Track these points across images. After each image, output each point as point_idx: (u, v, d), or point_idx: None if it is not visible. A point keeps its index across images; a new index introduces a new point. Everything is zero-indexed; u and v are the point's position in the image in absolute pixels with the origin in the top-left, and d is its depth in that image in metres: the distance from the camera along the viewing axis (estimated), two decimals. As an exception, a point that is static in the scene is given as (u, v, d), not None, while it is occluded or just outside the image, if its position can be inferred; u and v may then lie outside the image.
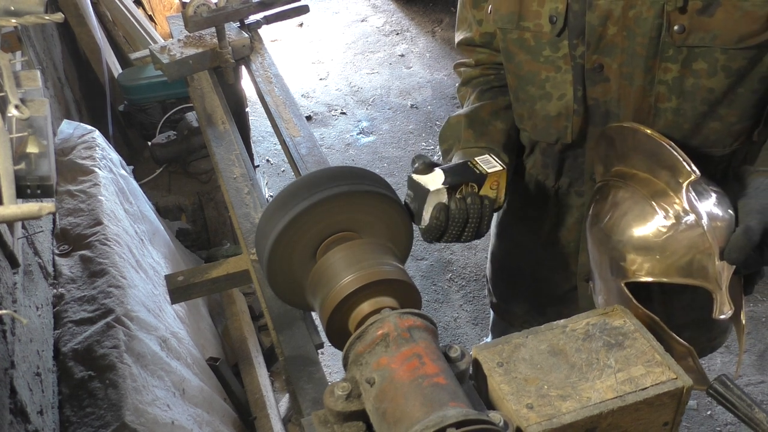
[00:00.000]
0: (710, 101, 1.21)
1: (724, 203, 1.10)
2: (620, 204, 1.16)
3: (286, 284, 1.14)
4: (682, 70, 1.18)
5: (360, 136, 4.19)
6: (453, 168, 1.18)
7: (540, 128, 1.37)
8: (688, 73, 1.18)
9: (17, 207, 1.02)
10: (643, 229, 1.12)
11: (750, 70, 1.16)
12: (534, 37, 1.27)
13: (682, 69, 1.18)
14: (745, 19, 1.10)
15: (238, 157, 1.73)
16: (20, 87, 1.28)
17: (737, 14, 1.10)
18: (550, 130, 1.35)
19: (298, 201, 1.08)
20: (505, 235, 1.70)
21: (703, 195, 1.10)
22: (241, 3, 1.94)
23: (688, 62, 1.17)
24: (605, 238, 1.18)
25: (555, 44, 1.25)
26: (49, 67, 2.72)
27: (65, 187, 2.05)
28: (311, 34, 5.27)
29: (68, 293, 1.74)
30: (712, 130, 1.24)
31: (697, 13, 1.12)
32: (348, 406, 0.88)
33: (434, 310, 3.02)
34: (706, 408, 2.53)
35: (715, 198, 1.11)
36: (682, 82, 1.20)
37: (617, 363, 0.95)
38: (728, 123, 1.23)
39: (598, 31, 1.19)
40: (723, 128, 1.23)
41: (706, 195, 1.10)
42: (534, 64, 1.30)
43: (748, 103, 1.21)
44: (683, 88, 1.20)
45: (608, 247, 1.17)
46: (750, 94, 1.20)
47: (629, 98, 1.24)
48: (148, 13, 4.00)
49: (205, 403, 1.91)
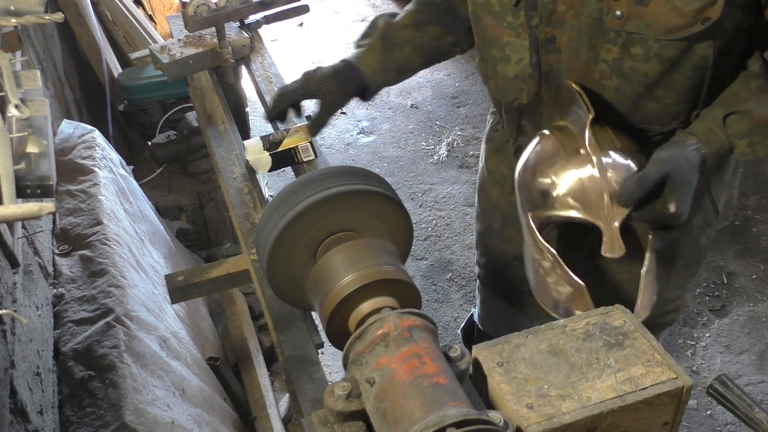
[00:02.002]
0: (646, 84, 1.26)
1: (631, 152, 1.23)
2: (541, 150, 1.31)
3: (286, 284, 1.14)
4: (622, 53, 1.24)
5: (360, 135, 4.18)
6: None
7: (500, 88, 1.47)
8: (627, 56, 1.24)
9: (17, 207, 1.02)
10: (549, 168, 1.26)
11: (682, 59, 1.22)
12: (498, 3, 1.35)
13: (622, 51, 1.24)
14: (673, 13, 1.15)
15: (238, 157, 1.73)
16: (20, 87, 1.28)
17: (667, 8, 1.15)
18: (508, 90, 1.45)
19: (298, 201, 1.08)
20: (482, 195, 1.84)
21: (609, 142, 1.23)
22: (241, 3, 1.94)
23: (626, 46, 1.23)
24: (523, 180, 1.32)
25: (515, 13, 1.33)
26: (49, 67, 2.72)
27: (65, 186, 2.05)
28: (311, 34, 5.26)
29: (68, 293, 1.74)
30: (651, 110, 1.30)
31: (634, 1, 1.17)
32: (348, 406, 0.88)
33: (434, 310, 3.02)
34: (706, 408, 2.53)
35: (620, 146, 1.22)
36: (621, 64, 1.26)
37: (617, 363, 0.95)
38: (665, 104, 1.29)
39: (548, 7, 1.27)
40: (661, 108, 1.30)
41: (612, 143, 1.23)
42: (497, 28, 1.38)
43: (683, 88, 1.26)
44: (622, 69, 1.26)
45: (524, 187, 1.31)
46: (684, 79, 1.25)
47: (576, 71, 1.31)
48: (148, 13, 4.00)
49: (205, 403, 1.91)
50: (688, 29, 1.16)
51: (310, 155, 1.64)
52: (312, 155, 1.64)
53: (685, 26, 1.16)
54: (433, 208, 3.57)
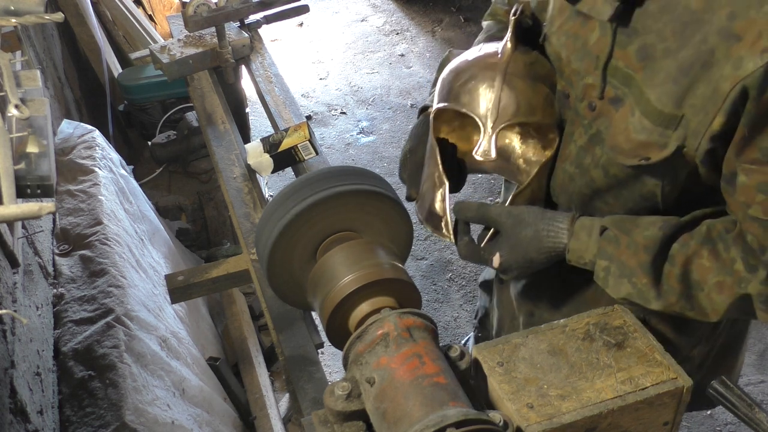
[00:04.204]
0: (593, 188, 1.19)
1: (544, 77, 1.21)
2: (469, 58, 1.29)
3: (286, 284, 1.14)
4: (588, 145, 1.16)
5: (360, 135, 4.18)
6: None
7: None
8: (590, 151, 1.16)
9: (17, 207, 1.02)
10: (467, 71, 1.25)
11: (628, 183, 1.13)
12: None
13: (588, 144, 1.16)
14: (624, 135, 1.06)
15: (238, 157, 1.73)
16: (20, 87, 1.28)
17: (623, 125, 1.06)
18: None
19: (298, 201, 1.08)
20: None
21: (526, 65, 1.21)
22: (241, 3, 1.94)
23: (594, 141, 1.15)
24: (444, 78, 1.31)
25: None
26: (49, 67, 2.72)
27: (65, 186, 2.05)
28: (311, 34, 5.26)
29: (68, 293, 1.74)
30: (597, 209, 1.22)
31: (609, 100, 1.09)
32: (348, 406, 0.88)
33: (434, 310, 3.02)
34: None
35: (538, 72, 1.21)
36: (584, 157, 1.18)
37: (617, 363, 0.95)
38: (613, 210, 1.20)
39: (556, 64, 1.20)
40: (609, 211, 1.20)
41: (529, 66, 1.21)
42: None
43: (636, 207, 1.16)
44: (582, 161, 1.18)
45: (443, 82, 1.31)
46: (634, 202, 1.16)
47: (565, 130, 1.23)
48: (148, 13, 4.00)
49: (205, 403, 1.91)
50: (628, 159, 1.07)
51: (311, 153, 1.64)
52: (313, 153, 1.64)
53: (627, 154, 1.07)
54: (433, 208, 3.57)
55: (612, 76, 1.07)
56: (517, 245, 1.15)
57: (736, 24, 0.89)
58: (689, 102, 0.97)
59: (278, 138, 1.66)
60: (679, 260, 1.04)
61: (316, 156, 1.65)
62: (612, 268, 1.09)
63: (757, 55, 0.87)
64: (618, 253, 1.08)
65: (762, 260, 0.98)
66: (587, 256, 1.11)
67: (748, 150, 0.94)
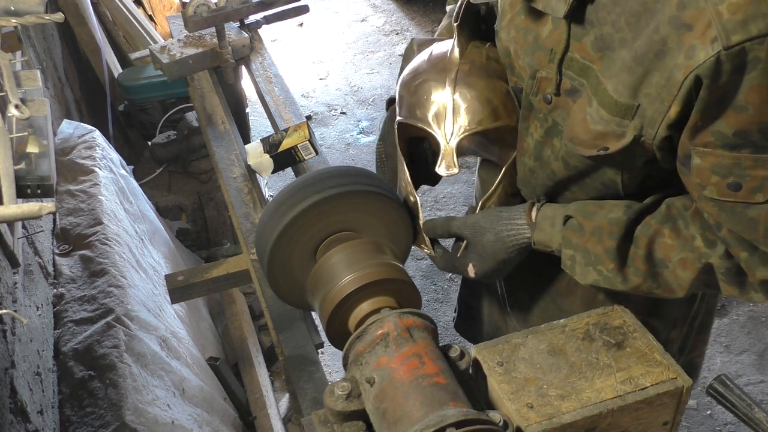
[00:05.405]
0: (555, 180, 1.18)
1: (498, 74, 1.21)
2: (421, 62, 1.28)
3: (286, 284, 1.14)
4: (545, 138, 1.16)
5: (360, 135, 4.18)
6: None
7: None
8: (548, 143, 1.16)
9: (17, 207, 1.02)
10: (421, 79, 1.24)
11: (589, 173, 1.13)
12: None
13: (545, 137, 1.15)
14: (582, 125, 1.06)
15: (238, 157, 1.73)
16: (20, 87, 1.28)
17: (581, 116, 1.06)
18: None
19: (298, 201, 1.08)
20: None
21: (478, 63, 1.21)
22: (241, 3, 1.94)
23: (550, 133, 1.14)
24: (404, 85, 1.30)
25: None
26: (49, 67, 2.72)
27: (65, 186, 2.05)
28: (311, 34, 5.26)
29: (68, 293, 1.74)
30: (563, 197, 1.22)
31: (566, 92, 1.08)
32: (348, 406, 0.88)
33: (434, 310, 3.02)
34: (706, 408, 2.53)
35: (492, 67, 1.21)
36: (542, 149, 1.17)
37: (617, 363, 0.95)
38: (577, 198, 1.19)
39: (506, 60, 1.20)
40: (573, 198, 1.20)
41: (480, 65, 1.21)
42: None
43: (598, 194, 1.17)
44: (541, 154, 1.18)
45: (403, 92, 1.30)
46: (595, 189, 1.16)
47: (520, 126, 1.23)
48: (148, 13, 4.00)
49: (205, 403, 1.91)
50: (587, 150, 1.06)
51: (311, 153, 1.64)
52: (313, 153, 1.64)
53: (586, 145, 1.06)
54: (433, 207, 3.57)
55: (568, 68, 1.07)
56: (483, 252, 1.18)
57: (686, 13, 0.90)
58: (644, 91, 0.97)
59: (278, 138, 1.66)
60: (643, 242, 1.07)
61: (316, 156, 1.65)
62: (577, 257, 1.12)
63: (708, 45, 0.88)
64: (583, 241, 1.11)
65: (719, 236, 1.01)
66: (553, 245, 1.14)
67: (702, 134, 0.95)
